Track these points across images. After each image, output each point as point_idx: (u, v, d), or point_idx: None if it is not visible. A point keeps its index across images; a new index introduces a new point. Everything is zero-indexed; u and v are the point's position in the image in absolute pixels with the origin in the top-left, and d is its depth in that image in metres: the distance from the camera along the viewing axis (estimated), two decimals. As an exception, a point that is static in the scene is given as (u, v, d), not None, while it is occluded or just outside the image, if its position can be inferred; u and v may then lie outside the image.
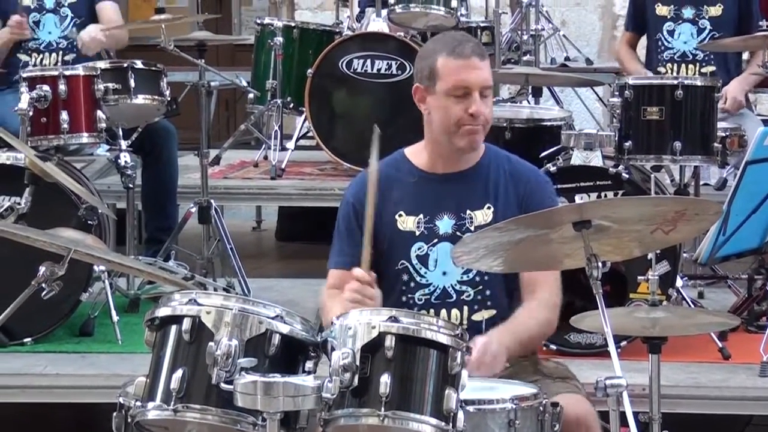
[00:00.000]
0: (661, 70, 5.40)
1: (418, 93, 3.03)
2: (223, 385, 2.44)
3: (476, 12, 7.34)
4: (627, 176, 4.01)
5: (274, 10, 6.87)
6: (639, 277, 3.69)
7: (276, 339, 2.51)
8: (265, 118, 6.22)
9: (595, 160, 4.07)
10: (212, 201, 4.89)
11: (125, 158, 4.59)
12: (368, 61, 5.56)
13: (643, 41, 5.59)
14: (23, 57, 5.02)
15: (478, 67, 2.98)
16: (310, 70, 5.59)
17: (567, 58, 7.34)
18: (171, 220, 5.04)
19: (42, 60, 5.00)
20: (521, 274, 3.02)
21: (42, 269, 2.66)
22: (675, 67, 5.38)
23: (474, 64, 2.97)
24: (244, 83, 5.71)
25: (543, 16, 6.91)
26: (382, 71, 5.55)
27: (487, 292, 3.03)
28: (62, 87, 4.36)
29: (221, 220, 4.94)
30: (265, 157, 5.94)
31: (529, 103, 5.48)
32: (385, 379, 2.41)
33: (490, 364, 2.77)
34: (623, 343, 3.71)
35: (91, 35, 4.92)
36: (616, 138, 4.19)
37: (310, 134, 5.88)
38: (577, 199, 3.95)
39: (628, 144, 4.18)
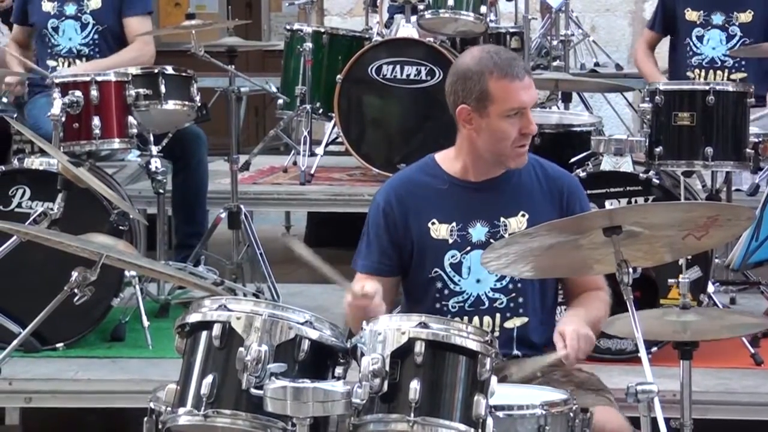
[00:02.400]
0: (689, 75, 5.37)
1: (464, 113, 2.96)
2: (253, 391, 2.45)
3: (505, 17, 7.33)
4: (657, 182, 3.99)
5: (303, 16, 6.89)
6: (670, 281, 3.67)
7: (305, 344, 2.51)
8: (294, 123, 6.23)
9: (625, 165, 4.05)
10: (242, 206, 4.91)
11: (156, 164, 4.61)
12: (397, 67, 5.56)
13: (665, 44, 5.55)
14: (51, 62, 5.02)
15: (531, 86, 2.96)
16: (339, 76, 5.60)
17: (597, 64, 7.32)
18: (201, 226, 5.05)
19: (69, 65, 4.99)
20: (567, 279, 3.01)
21: (74, 274, 2.67)
22: (703, 73, 5.35)
23: (527, 84, 2.94)
24: (274, 89, 5.72)
25: (572, 21, 6.91)
26: (412, 77, 5.56)
27: (520, 300, 3.01)
28: (94, 92, 4.37)
29: (251, 225, 4.95)
30: (295, 163, 5.95)
31: (558, 108, 5.48)
32: (414, 385, 2.41)
33: (585, 348, 2.78)
34: (654, 349, 3.69)
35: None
36: (647, 143, 4.17)
37: (339, 140, 5.89)
38: (607, 204, 3.93)
39: (658, 149, 4.16)
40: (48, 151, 3.75)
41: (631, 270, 2.62)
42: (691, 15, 5.38)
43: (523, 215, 3.02)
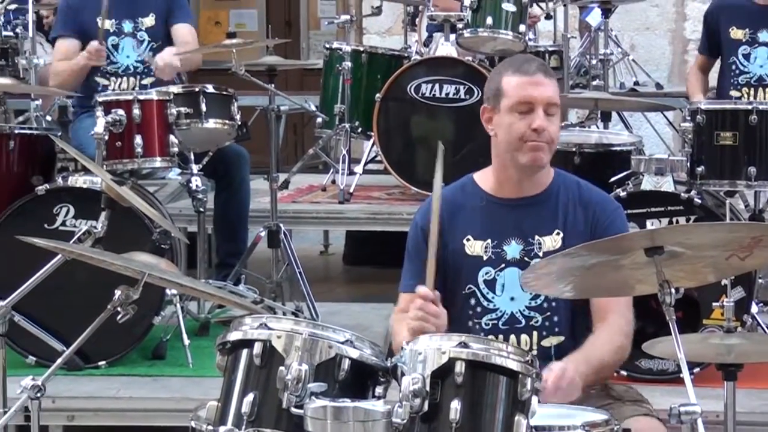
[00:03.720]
0: (735, 94, 5.34)
1: (485, 114, 3.05)
2: (293, 410, 2.45)
3: (544, 36, 7.33)
4: (699, 201, 3.97)
5: (342, 35, 6.92)
6: (713, 304, 3.65)
7: (346, 364, 2.51)
8: (333, 142, 6.26)
9: (667, 185, 4.03)
10: (281, 225, 4.93)
11: (196, 182, 4.64)
12: (436, 86, 5.57)
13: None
14: (101, 80, 5.03)
15: (543, 83, 2.99)
16: (378, 95, 5.62)
17: (636, 83, 7.29)
18: (241, 244, 5.07)
19: (120, 84, 5.02)
20: (592, 300, 3.00)
21: (117, 293, 2.70)
22: (751, 92, 5.32)
23: (538, 80, 2.98)
24: (313, 108, 5.75)
25: (612, 40, 6.89)
26: (450, 95, 5.57)
27: (556, 318, 3.01)
28: (136, 111, 4.42)
29: (290, 244, 4.97)
30: (334, 182, 5.97)
31: (598, 127, 5.46)
32: (455, 405, 2.41)
33: (567, 390, 2.75)
34: (696, 370, 3.67)
35: (165, 60, 4.89)
36: (688, 163, 4.15)
37: (378, 158, 5.91)
38: (648, 224, 3.91)
39: (700, 169, 4.14)
40: (91, 170, 3.79)
41: (673, 290, 2.61)
42: (737, 33, 5.36)
43: (558, 233, 3.01)
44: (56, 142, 4.45)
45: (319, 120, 5.87)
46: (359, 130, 5.88)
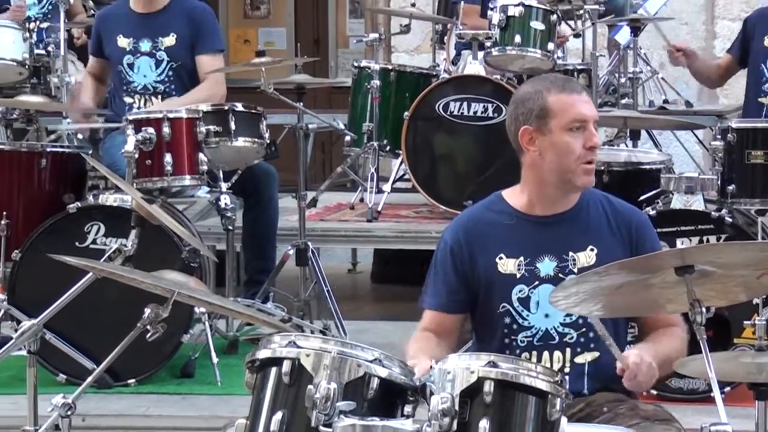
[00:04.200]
0: (763, 101, 5.32)
1: (526, 135, 2.99)
2: (322, 428, 2.44)
3: (573, 54, 7.32)
4: (730, 220, 3.95)
5: (370, 53, 6.94)
6: (744, 322, 3.62)
7: (374, 382, 2.51)
8: (361, 160, 6.28)
9: (697, 203, 4.02)
10: (309, 243, 4.94)
11: (225, 200, 4.66)
12: (464, 104, 5.58)
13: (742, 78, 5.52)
14: (127, 99, 5.08)
15: (589, 101, 3.02)
16: (406, 113, 5.63)
17: (666, 101, 7.26)
18: (270, 262, 5.08)
19: (146, 102, 5.05)
20: (642, 317, 2.99)
21: (147, 311, 2.71)
22: None
23: (585, 98, 3.00)
24: (341, 126, 5.77)
25: (641, 58, 6.87)
26: (479, 114, 5.57)
27: (590, 334, 2.99)
28: (166, 129, 4.45)
29: (318, 262, 4.98)
30: (362, 200, 5.98)
31: (627, 146, 5.44)
32: (483, 425, 2.40)
33: (646, 374, 2.75)
34: (727, 389, 3.64)
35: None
36: (719, 181, 4.13)
37: (406, 177, 5.91)
38: (678, 243, 3.90)
39: (731, 188, 4.12)
40: (122, 188, 3.82)
41: (704, 309, 2.60)
42: None
43: (592, 249, 3.01)
44: (87, 160, 4.49)
45: (348, 138, 5.88)
46: (387, 148, 5.89)
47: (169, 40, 5.09)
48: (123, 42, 5.07)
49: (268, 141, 4.80)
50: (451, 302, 3.03)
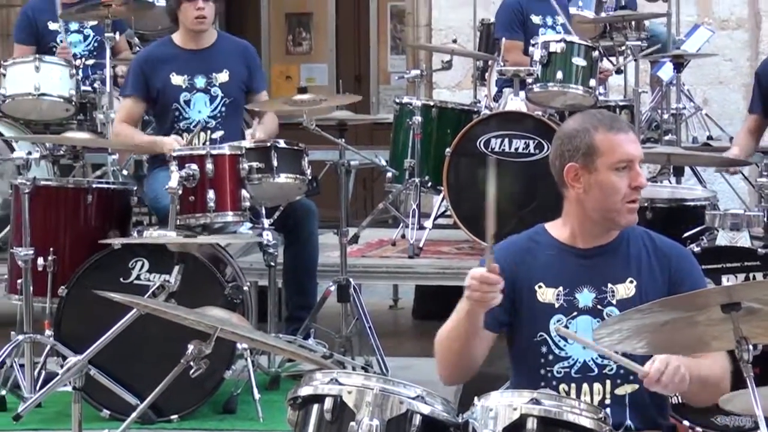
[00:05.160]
0: None
1: (572, 172, 2.99)
2: (364, 465, 2.45)
3: (615, 90, 7.31)
4: (777, 257, 3.92)
5: (412, 89, 6.98)
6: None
7: (417, 419, 2.51)
8: (402, 196, 6.29)
9: (743, 240, 3.99)
10: (351, 279, 4.95)
11: (268, 236, 4.68)
12: (506, 140, 5.58)
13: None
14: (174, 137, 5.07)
15: (636, 141, 3.02)
16: (448, 149, 5.64)
17: (710, 137, 7.23)
18: (311, 298, 5.09)
19: (192, 139, 5.08)
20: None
21: (190, 347, 2.73)
22: None
23: (632, 137, 3.00)
24: (383, 162, 5.79)
25: (684, 94, 6.85)
26: (520, 150, 5.57)
27: (631, 366, 2.98)
28: (209, 166, 4.49)
29: (360, 298, 4.99)
30: (403, 236, 5.99)
31: (670, 182, 5.42)
32: (527, 462, 2.39)
33: (672, 376, 2.72)
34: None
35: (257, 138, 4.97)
36: (765, 218, 4.10)
37: (447, 213, 5.92)
38: (724, 280, 3.87)
39: (777, 224, 4.09)
40: (165, 225, 3.86)
41: (750, 347, 2.57)
42: None
43: (631, 282, 2.99)
44: (132, 197, 4.54)
45: (389, 174, 5.90)
46: (429, 184, 5.90)
47: (223, 76, 5.14)
48: (177, 80, 5.10)
49: (310, 177, 4.82)
50: (490, 322, 3.00)
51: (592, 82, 5.61)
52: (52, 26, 6.48)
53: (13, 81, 5.86)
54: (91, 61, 6.27)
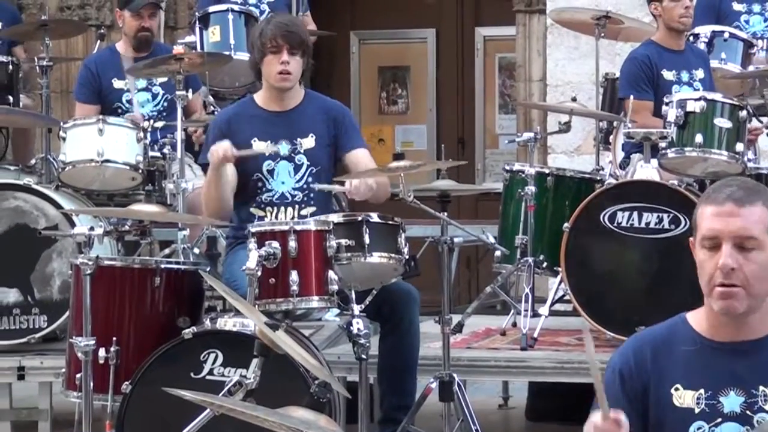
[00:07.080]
0: None
1: (691, 248, 3.03)
2: None
3: (767, 156, 7.22)
4: None
5: (524, 155, 7.00)
6: None
7: None
8: (514, 278, 6.27)
9: None
10: (454, 375, 4.93)
11: (358, 325, 4.67)
12: (635, 214, 5.55)
13: None
14: (257, 212, 5.13)
15: (733, 214, 2.94)
16: (566, 224, 5.63)
17: None
18: (409, 397, 5.07)
19: (277, 214, 5.11)
20: None
21: (272, 454, 2.74)
22: None
23: (727, 210, 2.94)
24: (491, 239, 5.79)
25: None
26: (652, 225, 5.53)
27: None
28: (292, 243, 4.50)
29: (464, 396, 4.96)
30: (514, 324, 5.97)
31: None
32: None
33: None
34: None
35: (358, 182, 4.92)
36: None
37: (566, 298, 5.88)
38: None
39: None
40: (243, 311, 3.89)
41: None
42: None
43: (788, 384, 2.95)
44: (204, 278, 4.58)
45: (498, 253, 5.90)
46: (544, 264, 5.88)
47: (308, 142, 5.19)
48: (261, 146, 5.13)
49: (407, 256, 4.83)
50: None
51: (739, 146, 5.56)
52: (117, 84, 6.64)
53: (74, 146, 5.92)
54: (160, 124, 6.36)
